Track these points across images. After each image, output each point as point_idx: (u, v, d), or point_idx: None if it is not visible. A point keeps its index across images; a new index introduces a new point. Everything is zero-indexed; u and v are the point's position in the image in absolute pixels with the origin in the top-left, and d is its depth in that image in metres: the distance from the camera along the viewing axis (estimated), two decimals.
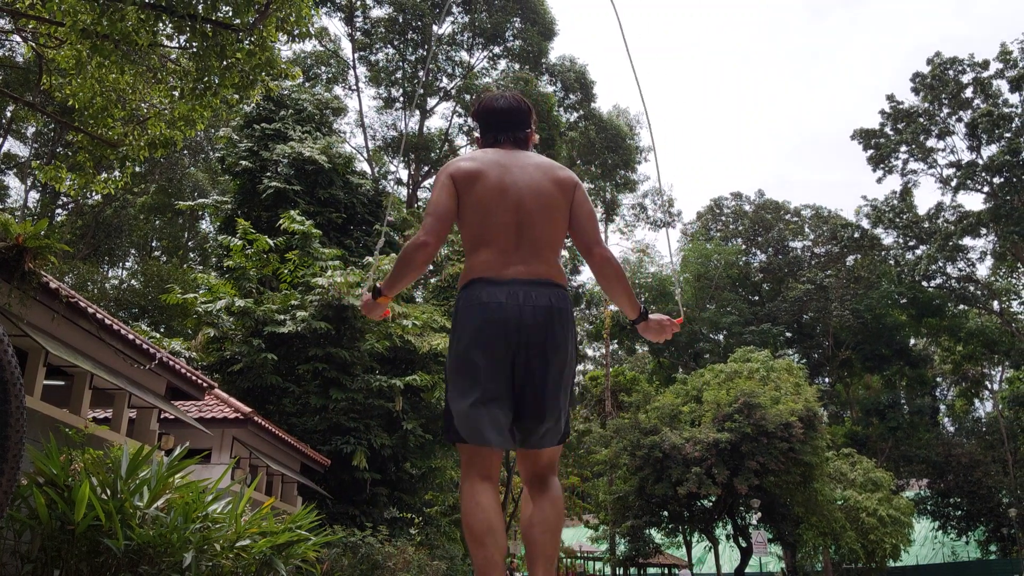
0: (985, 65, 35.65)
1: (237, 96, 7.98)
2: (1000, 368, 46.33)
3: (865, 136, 38.84)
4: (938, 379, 49.29)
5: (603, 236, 2.60)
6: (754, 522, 24.46)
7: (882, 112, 38.43)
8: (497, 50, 33.15)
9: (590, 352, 48.83)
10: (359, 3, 31.51)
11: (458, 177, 2.50)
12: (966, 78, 36.14)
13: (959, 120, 36.64)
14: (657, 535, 28.71)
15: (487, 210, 2.45)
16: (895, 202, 39.29)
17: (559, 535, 2.43)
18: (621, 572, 32.39)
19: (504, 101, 2.72)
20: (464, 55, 33.49)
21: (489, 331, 2.33)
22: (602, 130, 35.94)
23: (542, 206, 2.47)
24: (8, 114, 29.98)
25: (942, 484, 37.96)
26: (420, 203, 33.45)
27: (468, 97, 32.00)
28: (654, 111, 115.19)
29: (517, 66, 32.54)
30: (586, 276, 42.48)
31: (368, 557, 12.27)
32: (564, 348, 2.40)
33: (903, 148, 38.08)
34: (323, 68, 32.67)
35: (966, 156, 36.90)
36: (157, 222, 37.08)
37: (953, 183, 37.12)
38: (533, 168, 2.54)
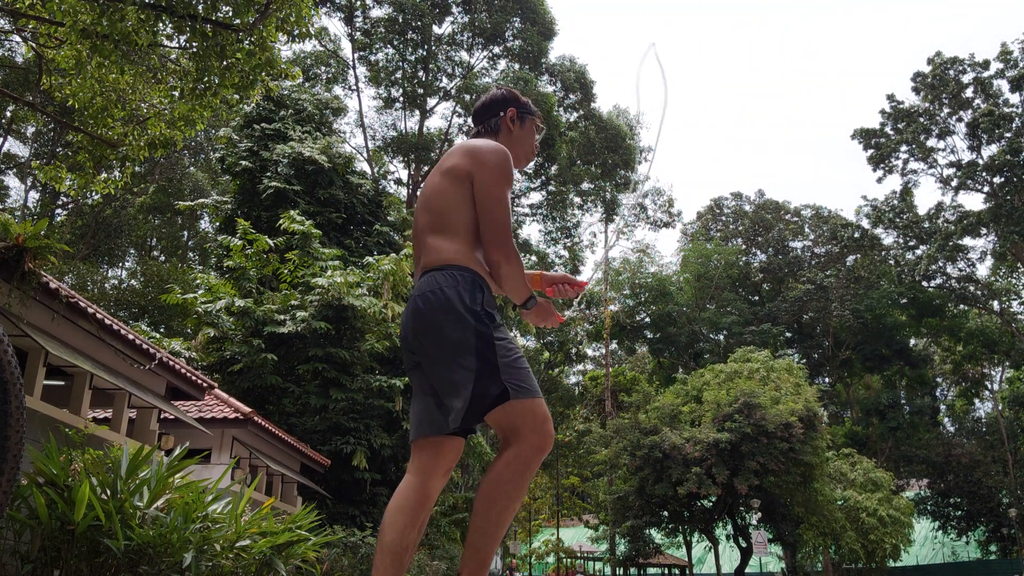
0: (986, 65, 35.65)
1: (237, 96, 7.98)
2: (1000, 368, 46.33)
3: (865, 136, 38.83)
4: (938, 379, 49.30)
5: (505, 229, 2.37)
6: (754, 522, 24.46)
7: (882, 112, 38.42)
8: (497, 50, 33.15)
9: (590, 352, 48.87)
10: (359, 3, 31.49)
11: None
12: (967, 78, 36.14)
13: (959, 120, 36.63)
14: (657, 535, 28.70)
15: None
16: (895, 202, 39.28)
17: (486, 533, 2.15)
18: (621, 572, 32.39)
19: (478, 101, 2.72)
20: (464, 55, 33.50)
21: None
22: (602, 130, 35.94)
23: (425, 202, 2.46)
24: (8, 114, 29.98)
25: (942, 484, 37.96)
26: None
27: (468, 97, 31.98)
28: (655, 111, 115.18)
29: (517, 66, 32.53)
30: (583, 276, 42.39)
31: (368, 557, 12.28)
32: (427, 330, 2.29)
33: (903, 148, 38.07)
34: (323, 68, 32.66)
35: (966, 156, 36.93)
36: (156, 222, 37.08)
37: (953, 183, 37.12)
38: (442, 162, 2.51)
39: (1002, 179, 34.80)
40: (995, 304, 40.32)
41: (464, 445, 2.43)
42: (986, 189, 36.07)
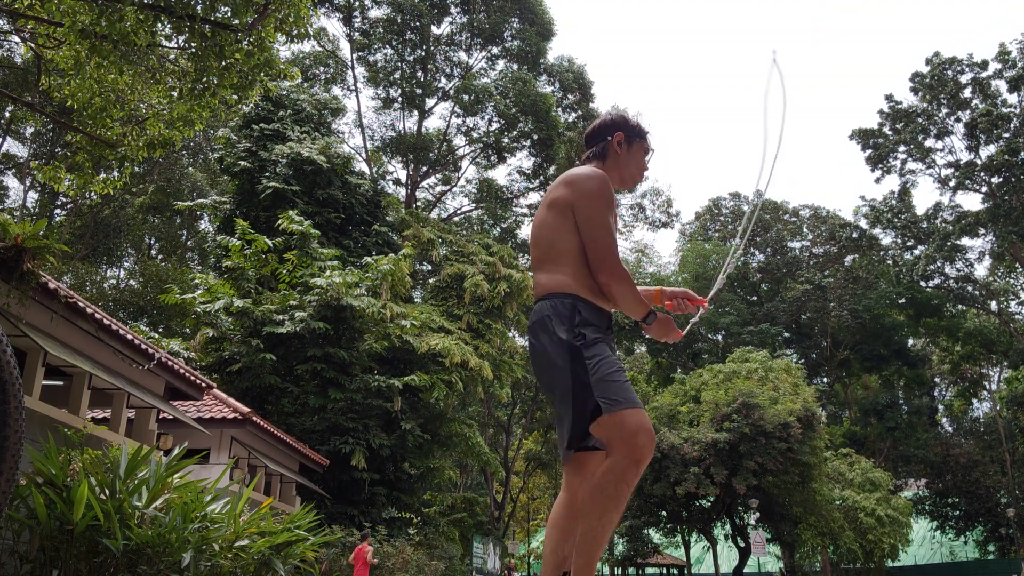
0: (984, 65, 35.66)
1: (236, 96, 7.98)
2: (998, 368, 46.36)
3: (864, 136, 38.83)
4: (936, 379, 49.33)
5: (610, 252, 2.49)
6: (752, 522, 24.48)
7: (881, 112, 38.43)
8: (495, 50, 33.14)
9: None
10: (358, 3, 31.49)
11: None
12: (965, 78, 36.14)
13: (958, 120, 36.64)
14: (655, 535, 28.71)
15: None
16: (893, 202, 39.29)
17: (587, 540, 2.29)
18: (620, 572, 32.40)
19: (590, 126, 2.85)
20: (462, 55, 33.49)
21: None
22: None
23: (534, 237, 2.63)
24: (7, 114, 29.96)
25: (940, 484, 38.00)
26: (418, 203, 33.45)
27: (466, 97, 31.98)
28: (654, 111, 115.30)
29: (515, 66, 32.53)
30: None
31: None
32: (543, 356, 2.44)
33: (902, 148, 38.07)
34: (321, 68, 32.64)
35: (964, 156, 36.94)
36: (155, 222, 37.05)
37: (951, 183, 37.14)
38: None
39: (1000, 179, 34.83)
40: (993, 304, 40.36)
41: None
42: (984, 189, 36.11)
